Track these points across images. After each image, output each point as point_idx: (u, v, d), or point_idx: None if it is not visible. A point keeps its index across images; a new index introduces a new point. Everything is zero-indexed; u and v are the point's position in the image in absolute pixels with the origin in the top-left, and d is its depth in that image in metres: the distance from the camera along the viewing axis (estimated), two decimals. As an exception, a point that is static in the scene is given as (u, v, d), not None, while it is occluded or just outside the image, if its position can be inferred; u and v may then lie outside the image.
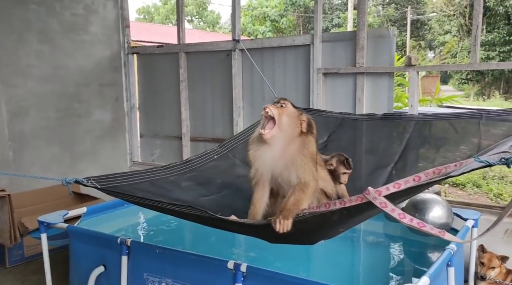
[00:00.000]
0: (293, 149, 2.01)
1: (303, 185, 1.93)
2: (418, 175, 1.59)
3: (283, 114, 2.02)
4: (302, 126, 2.02)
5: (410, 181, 1.58)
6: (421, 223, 1.59)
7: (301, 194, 1.91)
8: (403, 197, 1.88)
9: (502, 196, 7.08)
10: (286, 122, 2.01)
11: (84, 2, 5.66)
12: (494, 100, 23.67)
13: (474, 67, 4.03)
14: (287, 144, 2.00)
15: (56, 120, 5.45)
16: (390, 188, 1.58)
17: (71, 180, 1.89)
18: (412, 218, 1.59)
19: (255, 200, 2.11)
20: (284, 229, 1.77)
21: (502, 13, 23.02)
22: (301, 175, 1.94)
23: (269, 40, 5.26)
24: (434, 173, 1.59)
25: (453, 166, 1.59)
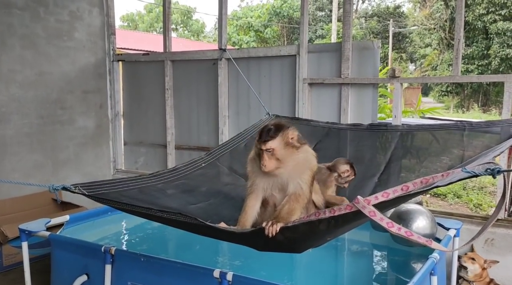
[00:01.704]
0: (296, 165, 2.04)
1: (298, 196, 1.96)
2: (406, 184, 1.62)
3: (277, 151, 2.04)
4: (294, 143, 2.03)
5: (399, 191, 1.61)
6: (409, 232, 1.62)
7: (295, 204, 1.94)
8: (390, 206, 1.92)
9: (481, 206, 7.22)
10: (282, 154, 2.04)
11: (69, 8, 5.62)
12: (473, 112, 24.21)
13: (456, 80, 4.13)
14: (288, 166, 2.03)
15: (39, 126, 5.37)
16: (379, 197, 1.61)
17: (58, 186, 1.86)
18: (400, 227, 1.62)
19: (247, 208, 2.12)
20: (273, 232, 1.79)
21: (480, 27, 23.66)
22: (298, 186, 1.98)
23: (255, 50, 5.31)
24: (422, 183, 1.62)
25: (440, 176, 1.62)
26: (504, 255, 3.94)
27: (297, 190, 1.97)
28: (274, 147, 2.04)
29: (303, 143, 2.09)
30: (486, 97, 26.92)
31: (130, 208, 2.01)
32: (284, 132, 2.05)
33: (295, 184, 2.00)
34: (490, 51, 23.56)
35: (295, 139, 2.04)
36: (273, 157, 2.04)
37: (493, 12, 23.06)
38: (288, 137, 2.04)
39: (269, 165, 2.04)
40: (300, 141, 2.07)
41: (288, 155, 2.03)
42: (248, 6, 33.69)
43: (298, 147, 2.05)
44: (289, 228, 1.83)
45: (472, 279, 3.70)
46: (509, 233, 3.95)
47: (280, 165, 2.03)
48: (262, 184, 2.10)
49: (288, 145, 2.03)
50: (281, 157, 2.03)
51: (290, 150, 2.03)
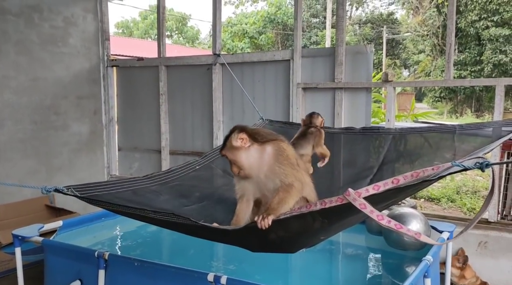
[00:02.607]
0: (268, 161, 2.04)
1: (287, 186, 1.96)
2: (396, 178, 1.63)
3: (231, 157, 2.08)
4: (243, 144, 2.04)
5: (389, 184, 1.62)
6: (398, 225, 1.63)
7: (285, 193, 1.93)
8: (383, 202, 1.92)
9: (475, 210, 7.25)
10: (235, 158, 2.06)
11: (63, 14, 5.63)
12: (466, 118, 24.39)
13: (448, 84, 4.17)
14: (259, 163, 2.03)
15: (32, 132, 5.35)
16: (369, 190, 1.62)
17: (50, 188, 1.86)
18: (390, 220, 1.63)
19: (238, 211, 2.13)
20: (265, 225, 1.79)
21: (473, 34, 23.90)
22: (283, 179, 1.98)
23: (249, 55, 5.33)
24: (412, 176, 1.63)
25: (430, 169, 1.64)
26: (498, 258, 3.96)
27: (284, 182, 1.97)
28: (226, 154, 2.10)
29: (266, 140, 2.07)
30: (479, 103, 27.15)
31: (123, 210, 2.01)
32: (229, 138, 2.09)
33: (273, 179, 2.01)
34: (482, 57, 23.77)
35: (244, 141, 2.04)
36: (232, 163, 2.09)
37: (486, 19, 23.30)
38: (232, 141, 2.06)
39: (234, 170, 2.10)
40: (257, 139, 2.06)
41: (239, 156, 2.04)
42: (242, 13, 33.83)
43: (250, 146, 2.04)
44: (282, 224, 1.83)
45: (459, 283, 3.71)
46: (502, 235, 3.97)
47: (241, 168, 2.06)
48: (247, 187, 2.12)
49: (237, 148, 2.04)
50: (236, 161, 2.06)
51: (243, 152, 2.04)
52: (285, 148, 2.07)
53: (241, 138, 2.04)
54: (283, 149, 2.06)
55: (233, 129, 2.11)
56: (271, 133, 2.18)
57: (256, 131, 2.14)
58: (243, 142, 2.03)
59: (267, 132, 2.18)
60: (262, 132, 2.15)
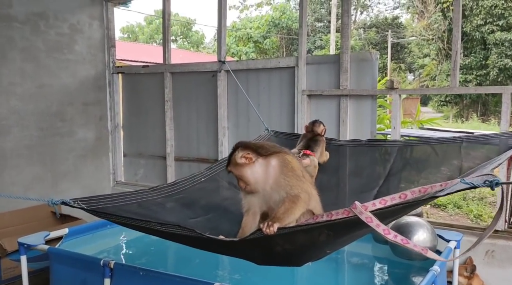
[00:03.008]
0: (273, 174, 2.03)
1: (293, 197, 1.95)
2: (404, 193, 1.62)
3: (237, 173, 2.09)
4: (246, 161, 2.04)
5: (396, 198, 1.61)
6: (405, 240, 1.61)
7: (291, 204, 1.93)
8: (390, 217, 1.90)
9: (482, 217, 7.20)
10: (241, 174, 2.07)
11: (69, 21, 5.66)
12: (472, 122, 24.24)
13: (454, 91, 4.15)
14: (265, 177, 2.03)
15: (38, 139, 5.38)
16: (376, 204, 1.61)
17: (57, 201, 1.86)
18: (396, 234, 1.61)
19: (244, 224, 2.12)
20: (271, 232, 1.78)
21: (478, 38, 23.81)
22: (289, 191, 1.97)
23: (254, 62, 5.33)
24: (420, 192, 1.62)
25: (438, 185, 1.63)
26: (505, 267, 3.92)
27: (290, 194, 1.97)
28: (231, 170, 2.12)
29: (270, 153, 2.07)
30: (485, 107, 27.01)
31: (129, 222, 2.00)
32: (233, 155, 2.10)
33: (279, 192, 2.01)
34: (488, 61, 23.68)
35: (248, 156, 2.04)
36: (238, 179, 2.11)
37: (491, 23, 23.23)
38: (236, 159, 2.06)
39: (240, 185, 2.11)
40: (262, 153, 2.06)
41: (245, 172, 2.05)
42: (247, 18, 33.94)
43: (255, 161, 2.04)
44: (287, 236, 1.81)
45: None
46: (510, 244, 3.93)
47: (248, 184, 2.07)
48: (253, 201, 2.12)
49: (241, 165, 2.05)
50: (242, 177, 2.07)
51: (248, 168, 2.04)
52: (289, 160, 2.07)
53: (245, 156, 2.04)
54: (288, 161, 2.06)
55: (236, 146, 2.11)
56: (274, 146, 2.18)
57: (259, 145, 2.14)
58: (247, 159, 2.04)
59: (270, 144, 2.18)
60: (266, 145, 2.15)
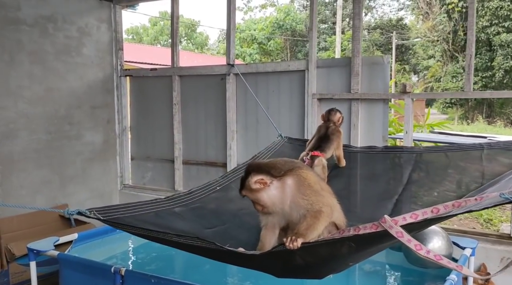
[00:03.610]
0: (290, 194, 1.96)
1: (315, 212, 1.89)
2: (437, 207, 1.57)
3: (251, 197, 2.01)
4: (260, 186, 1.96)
5: (428, 213, 1.55)
6: (438, 256, 1.56)
7: (314, 219, 1.86)
8: (417, 229, 1.85)
9: (492, 221, 7.13)
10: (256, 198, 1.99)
11: (77, 24, 5.64)
12: (478, 124, 24.13)
13: (468, 96, 4.09)
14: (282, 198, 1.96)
15: (46, 142, 5.35)
16: (407, 218, 1.56)
17: (73, 211, 1.82)
18: (428, 250, 1.56)
19: (263, 237, 2.06)
20: (294, 246, 1.73)
21: (484, 39, 23.74)
22: (311, 208, 1.91)
23: (263, 65, 5.29)
24: (454, 206, 1.57)
25: (473, 200, 1.57)
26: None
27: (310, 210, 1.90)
28: (246, 195, 2.03)
29: (284, 173, 1.98)
30: (491, 109, 26.90)
31: (146, 233, 1.97)
32: (246, 180, 2.01)
33: (298, 211, 1.93)
34: (494, 63, 23.60)
35: (262, 181, 1.95)
36: (254, 202, 2.03)
37: (497, 24, 23.16)
38: (251, 185, 1.98)
39: (257, 208, 2.03)
40: (275, 175, 1.97)
41: (261, 197, 1.97)
42: (251, 19, 33.95)
43: (270, 185, 1.95)
44: (310, 249, 1.77)
45: None
46: (525, 251, 3.87)
47: (264, 206, 1.99)
48: (270, 219, 2.05)
49: (256, 190, 1.97)
50: (258, 201, 1.99)
51: (263, 192, 1.96)
52: (305, 177, 1.98)
53: (259, 182, 1.95)
54: (303, 179, 1.97)
55: (248, 170, 2.02)
56: (286, 163, 2.07)
57: (272, 165, 2.03)
58: (261, 184, 1.95)
59: (283, 162, 2.07)
60: (278, 164, 2.04)
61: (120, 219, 2.07)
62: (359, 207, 2.81)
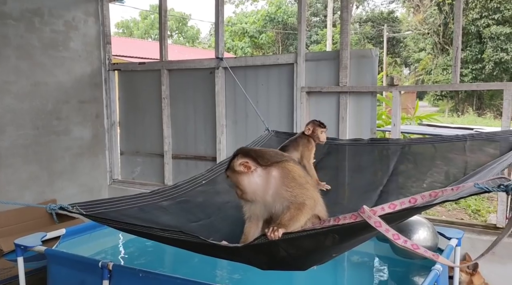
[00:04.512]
0: (274, 185, 1.96)
1: (299, 204, 1.89)
2: (414, 197, 1.59)
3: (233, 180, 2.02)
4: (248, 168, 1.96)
5: (406, 203, 1.57)
6: (415, 245, 1.58)
7: (297, 211, 1.87)
8: (398, 220, 1.87)
9: (479, 212, 7.21)
10: (237, 181, 2.00)
11: (64, 18, 5.58)
12: (468, 116, 24.32)
13: (455, 88, 4.11)
14: (264, 188, 1.97)
15: (34, 137, 5.31)
16: (385, 208, 1.57)
17: (55, 206, 1.81)
18: (406, 240, 1.57)
19: (246, 231, 2.07)
20: (275, 236, 1.74)
21: (474, 32, 23.83)
22: (294, 200, 1.91)
23: (252, 59, 5.28)
24: (431, 196, 1.58)
25: (449, 190, 1.59)
26: (505, 264, 3.91)
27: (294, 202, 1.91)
28: (229, 176, 2.05)
29: (271, 164, 1.98)
30: (480, 101, 27.10)
31: (130, 228, 1.96)
32: (231, 162, 2.02)
33: (282, 202, 1.94)
34: (484, 55, 23.73)
35: (246, 165, 1.95)
36: (235, 185, 2.04)
37: (487, 17, 23.25)
38: (235, 166, 1.99)
39: (237, 192, 2.04)
40: (261, 163, 1.97)
41: (242, 181, 1.97)
42: (242, 12, 33.79)
43: (253, 171, 1.95)
44: (292, 241, 1.78)
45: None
46: (510, 241, 3.91)
47: (244, 192, 1.99)
48: (254, 209, 2.05)
49: (239, 173, 1.98)
50: (238, 184, 2.00)
51: (245, 176, 1.96)
52: (290, 170, 1.99)
53: (244, 164, 1.96)
54: (288, 171, 1.98)
55: (237, 152, 2.04)
56: (276, 154, 2.08)
57: (261, 153, 2.04)
58: (245, 168, 1.96)
59: (272, 153, 2.07)
60: (268, 154, 2.04)
61: (103, 214, 2.06)
62: (346, 199, 2.83)
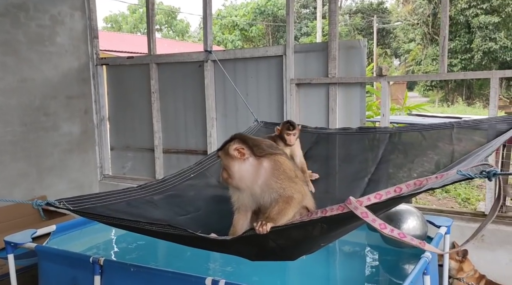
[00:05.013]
0: (264, 176, 1.99)
1: (287, 198, 1.91)
2: (399, 186, 1.60)
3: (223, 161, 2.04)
4: (242, 155, 1.99)
5: (392, 192, 1.59)
6: (402, 234, 1.60)
7: (285, 204, 1.89)
8: (384, 209, 1.89)
9: (469, 200, 7.29)
10: (227, 165, 2.02)
11: (50, 12, 5.51)
12: (458, 106, 24.49)
13: (442, 77, 4.14)
14: (253, 177, 1.99)
15: (22, 134, 5.26)
16: (371, 199, 1.59)
17: (42, 202, 1.79)
18: (392, 229, 1.59)
19: (235, 222, 2.08)
20: (264, 230, 1.77)
21: (462, 22, 23.95)
22: (282, 193, 1.93)
23: (241, 51, 5.26)
24: (416, 185, 1.60)
25: (434, 178, 1.61)
26: (495, 251, 3.97)
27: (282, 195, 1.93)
28: (221, 157, 2.07)
29: (264, 155, 2.01)
30: (470, 91, 27.30)
31: (118, 222, 1.95)
32: (227, 144, 2.05)
33: (270, 194, 1.96)
34: (472, 45, 23.87)
35: (241, 151, 1.98)
36: (224, 167, 2.06)
37: (475, 6, 23.36)
38: (229, 149, 2.01)
39: (223, 175, 2.06)
40: (255, 153, 2.00)
41: (233, 165, 2.00)
42: (232, 5, 33.62)
43: (246, 159, 1.98)
44: (281, 232, 1.79)
45: (457, 276, 3.71)
46: (499, 228, 3.97)
47: (230, 176, 2.02)
48: (242, 199, 2.07)
49: (232, 157, 2.00)
50: (227, 167, 2.03)
51: (237, 162, 1.99)
52: (281, 162, 2.02)
53: (239, 150, 1.98)
54: (279, 164, 2.00)
55: (234, 137, 2.05)
56: (271, 146, 2.11)
57: (257, 143, 2.07)
58: (239, 154, 1.98)
59: (268, 144, 2.10)
60: (263, 145, 2.07)
61: (91, 209, 2.04)
62: (335, 188, 2.85)
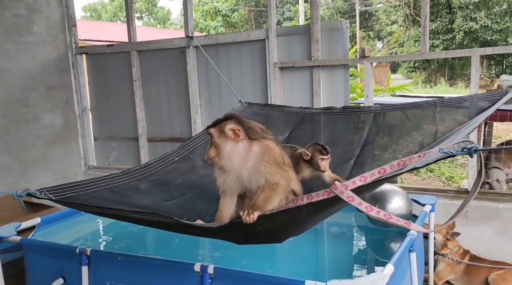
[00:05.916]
0: (253, 159, 1.98)
1: (273, 184, 1.92)
2: (383, 167, 1.61)
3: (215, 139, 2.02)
4: (231, 135, 1.97)
5: (376, 174, 1.60)
6: (388, 215, 1.62)
7: (271, 191, 1.89)
8: (369, 189, 1.90)
9: (453, 179, 7.41)
10: (218, 143, 2.00)
11: (25, 1, 5.36)
12: (440, 87, 24.73)
13: (424, 57, 4.15)
14: (242, 159, 1.97)
15: (2, 127, 5.15)
16: (356, 182, 1.60)
17: (22, 193, 1.75)
18: (379, 211, 1.61)
19: (221, 206, 2.07)
20: (251, 220, 1.77)
21: (443, 2, 24.01)
22: (269, 178, 1.93)
23: (223, 36, 5.20)
24: (399, 165, 1.61)
25: (417, 157, 1.62)
26: (478, 226, 4.05)
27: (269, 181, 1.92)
28: (212, 134, 2.04)
29: (255, 138, 2.01)
30: (452, 71, 27.55)
31: (101, 211, 1.93)
32: (222, 122, 2.03)
33: (258, 178, 1.96)
34: (454, 25, 23.98)
35: (237, 132, 1.98)
36: (213, 145, 2.03)
37: (456, -14, 23.41)
38: (225, 129, 1.99)
39: (209, 152, 2.03)
40: (249, 136, 2.00)
41: (225, 145, 1.99)
42: (213, -9, 33.12)
43: (240, 141, 1.98)
44: (267, 217, 1.79)
45: (442, 252, 3.78)
46: (482, 204, 4.05)
47: (218, 155, 2.00)
48: (228, 182, 2.05)
49: (225, 136, 1.99)
50: (218, 146, 2.01)
51: (229, 142, 1.98)
52: (271, 148, 2.02)
53: (234, 131, 1.96)
54: (270, 149, 2.01)
55: (231, 116, 2.03)
56: (263, 131, 2.10)
57: (251, 125, 2.06)
58: (234, 135, 1.96)
59: (261, 128, 2.10)
60: (257, 128, 2.07)
61: (73, 198, 2.01)
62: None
